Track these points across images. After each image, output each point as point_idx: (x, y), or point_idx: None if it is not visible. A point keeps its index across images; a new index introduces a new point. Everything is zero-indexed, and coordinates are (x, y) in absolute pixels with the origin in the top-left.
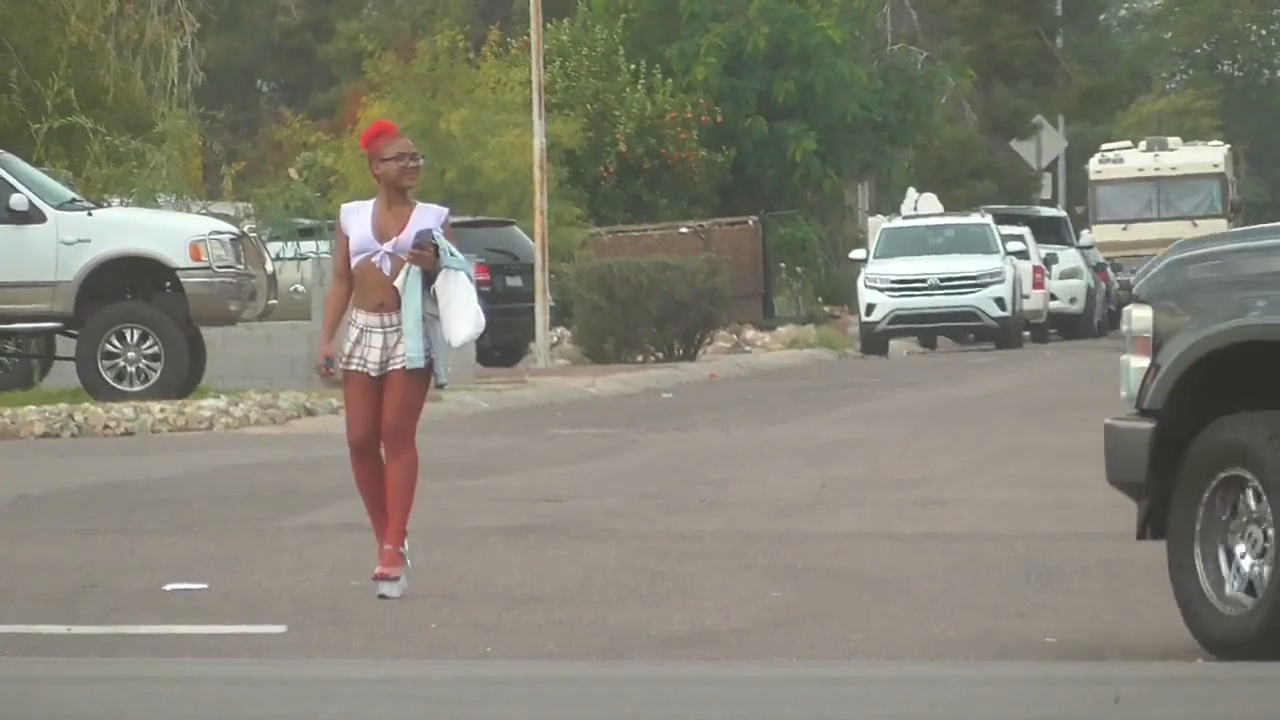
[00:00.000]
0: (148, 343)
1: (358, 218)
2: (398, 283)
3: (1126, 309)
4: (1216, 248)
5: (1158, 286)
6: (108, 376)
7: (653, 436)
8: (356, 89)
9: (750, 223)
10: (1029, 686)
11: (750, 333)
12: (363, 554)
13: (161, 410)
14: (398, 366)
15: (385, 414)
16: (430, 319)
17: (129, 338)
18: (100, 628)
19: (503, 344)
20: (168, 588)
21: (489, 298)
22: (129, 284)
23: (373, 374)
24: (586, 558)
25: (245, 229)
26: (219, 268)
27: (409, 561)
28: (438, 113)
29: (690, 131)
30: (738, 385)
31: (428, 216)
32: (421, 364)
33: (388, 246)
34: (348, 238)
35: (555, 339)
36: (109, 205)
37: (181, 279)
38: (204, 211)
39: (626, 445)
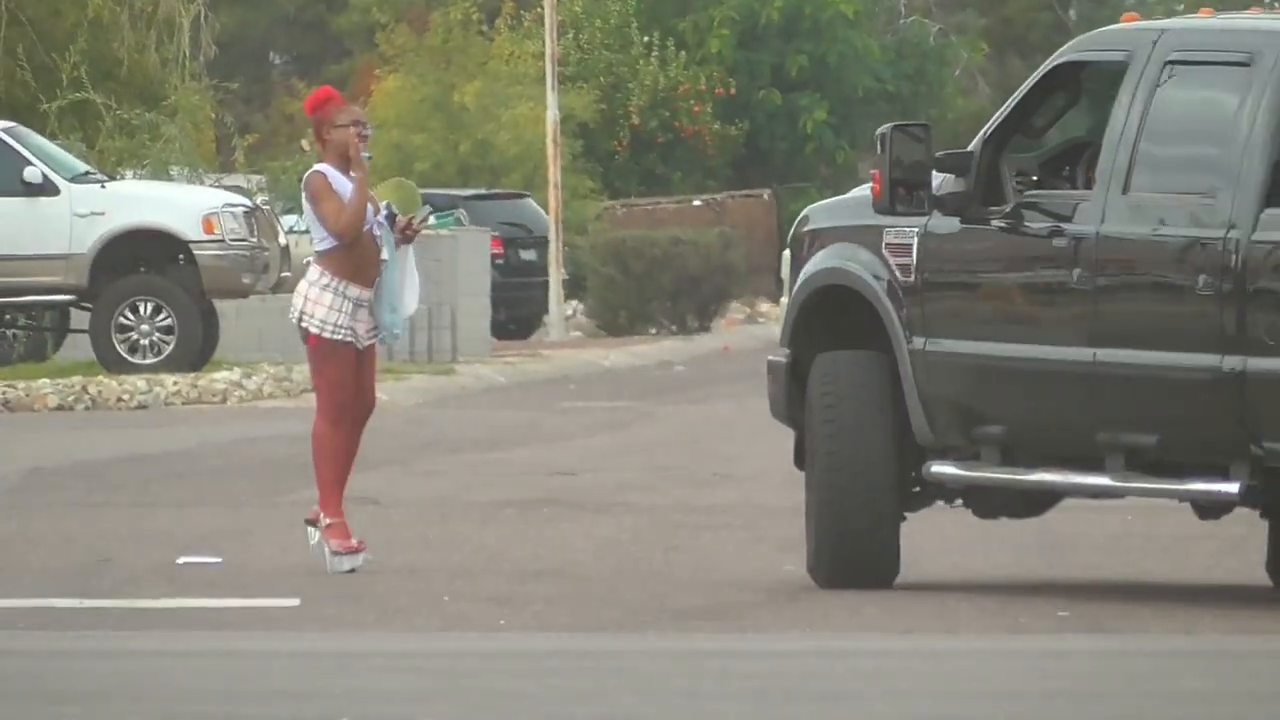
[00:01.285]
0: (161, 315)
1: (343, 186)
2: (384, 256)
3: (784, 253)
4: (838, 199)
5: (798, 233)
6: (121, 349)
7: (666, 409)
8: (369, 61)
9: (764, 196)
10: (1042, 659)
11: (764, 306)
12: (376, 527)
13: (175, 383)
14: (374, 339)
15: (368, 386)
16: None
17: (142, 310)
18: (114, 601)
19: (517, 317)
20: (180, 561)
21: (503, 270)
22: (142, 257)
23: (360, 348)
24: (600, 531)
25: (258, 201)
26: (232, 240)
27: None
28: (451, 85)
29: (704, 104)
30: (751, 358)
31: None
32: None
33: (379, 217)
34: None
35: (569, 312)
36: (122, 178)
37: (195, 252)
38: (217, 184)
39: (640, 418)
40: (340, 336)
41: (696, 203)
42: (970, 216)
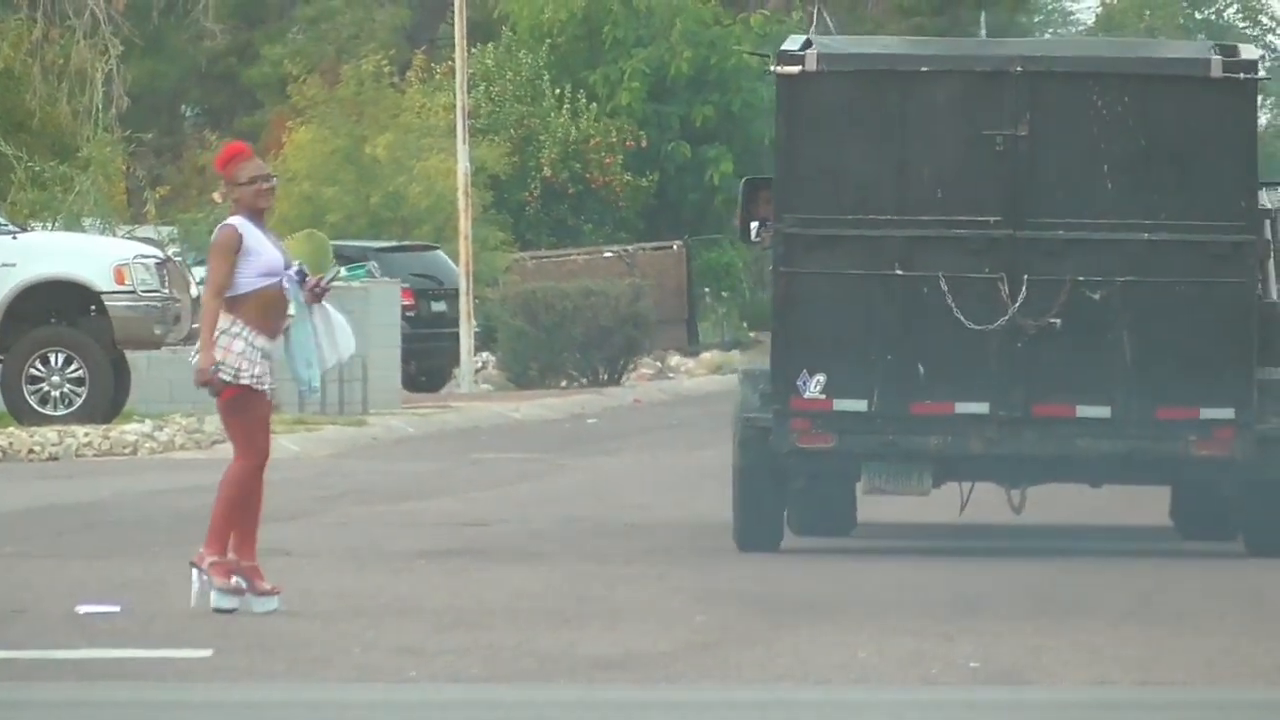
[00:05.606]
0: (72, 366)
1: (259, 239)
2: (291, 310)
3: None
4: None
5: None
6: (32, 400)
7: (577, 461)
8: (281, 113)
9: (675, 248)
10: (953, 710)
11: (675, 358)
12: (287, 578)
13: (86, 434)
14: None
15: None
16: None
17: (54, 361)
18: (25, 652)
19: (428, 369)
20: (80, 610)
21: (413, 323)
22: (54, 308)
23: (270, 397)
24: (511, 581)
25: (169, 253)
26: (143, 291)
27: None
28: (363, 137)
29: (615, 156)
30: (662, 410)
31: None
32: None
33: (290, 272)
34: (239, 256)
35: (480, 364)
36: (34, 230)
37: (106, 303)
38: (128, 236)
39: (551, 470)
40: (261, 386)
41: (607, 254)
42: None
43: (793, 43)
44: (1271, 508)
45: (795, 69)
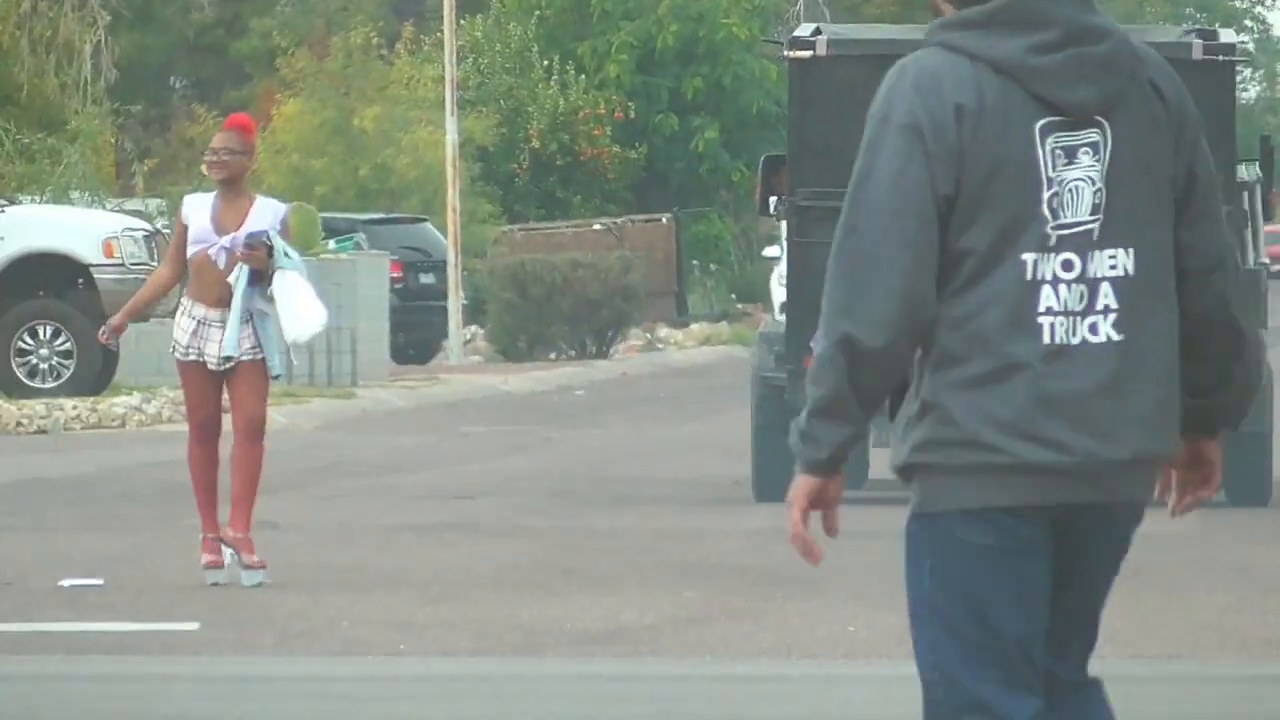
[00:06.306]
0: (60, 339)
1: (199, 209)
2: (231, 278)
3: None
4: None
5: None
6: (20, 374)
7: (566, 434)
8: (270, 86)
9: (664, 220)
10: None
11: (663, 330)
12: (275, 551)
13: (74, 407)
14: (246, 359)
15: (245, 404)
16: (260, 315)
17: (42, 334)
18: (12, 625)
19: (416, 341)
20: (64, 583)
21: (402, 295)
22: (42, 281)
23: (211, 366)
24: (500, 554)
25: (158, 226)
26: (132, 264)
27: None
28: (351, 109)
29: (603, 128)
30: (651, 383)
31: (265, 214)
32: (233, 355)
33: (224, 241)
34: (186, 227)
35: (468, 336)
36: (22, 203)
37: (94, 275)
38: (117, 209)
39: (539, 443)
40: (183, 356)
41: (596, 226)
42: None
43: (804, 29)
44: (1251, 459)
45: (807, 54)
